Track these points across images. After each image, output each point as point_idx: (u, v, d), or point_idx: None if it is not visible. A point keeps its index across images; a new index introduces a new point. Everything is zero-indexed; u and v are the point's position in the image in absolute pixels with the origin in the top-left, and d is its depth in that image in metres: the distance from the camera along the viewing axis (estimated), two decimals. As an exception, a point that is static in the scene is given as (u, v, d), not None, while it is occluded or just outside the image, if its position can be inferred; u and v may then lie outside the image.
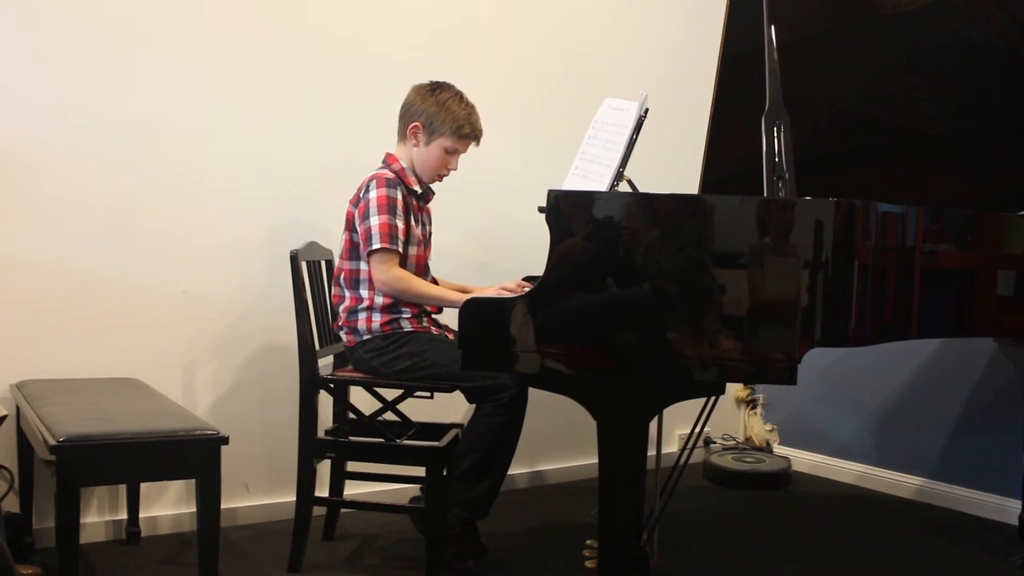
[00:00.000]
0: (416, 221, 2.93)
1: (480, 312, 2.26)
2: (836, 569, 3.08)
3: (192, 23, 3.16)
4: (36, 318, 2.96)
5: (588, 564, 2.59)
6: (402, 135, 2.97)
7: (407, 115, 2.95)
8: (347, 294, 2.90)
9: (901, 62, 2.87)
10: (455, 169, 2.98)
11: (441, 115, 2.90)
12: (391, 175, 2.88)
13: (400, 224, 2.83)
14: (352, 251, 2.89)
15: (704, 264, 2.18)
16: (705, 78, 2.94)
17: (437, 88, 2.93)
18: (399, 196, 2.85)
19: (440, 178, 3.00)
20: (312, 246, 3.01)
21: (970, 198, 3.05)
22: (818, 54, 2.78)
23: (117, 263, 3.08)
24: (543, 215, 2.24)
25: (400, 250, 2.82)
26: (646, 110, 2.55)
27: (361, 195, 2.87)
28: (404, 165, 2.95)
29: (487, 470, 2.75)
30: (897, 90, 2.92)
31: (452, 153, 2.94)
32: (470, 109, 2.94)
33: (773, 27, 2.43)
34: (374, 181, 2.85)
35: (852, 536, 3.39)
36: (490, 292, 2.76)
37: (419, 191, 2.97)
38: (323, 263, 3.09)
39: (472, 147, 3.00)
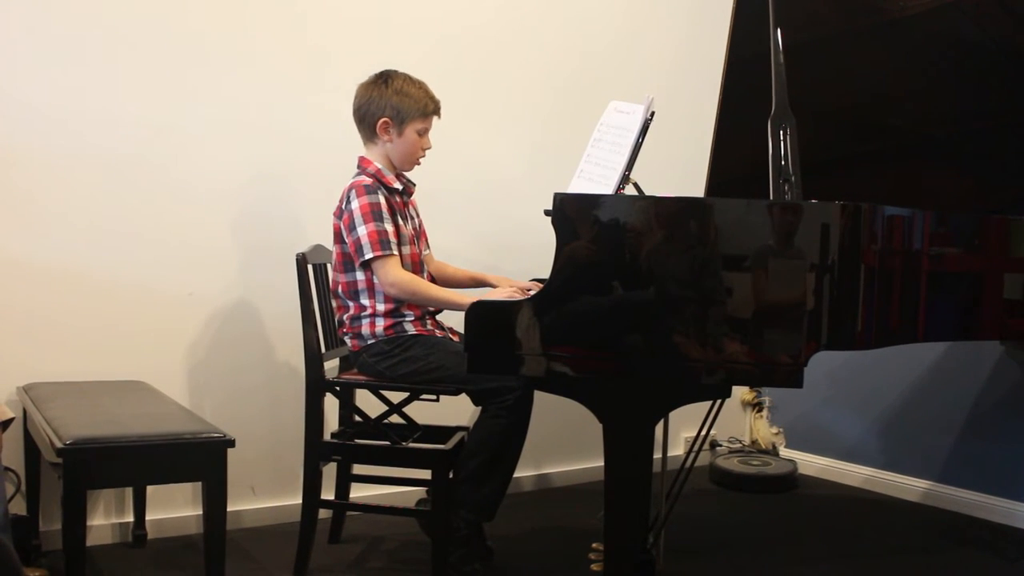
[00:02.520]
0: (403, 218, 2.93)
1: (486, 315, 2.26)
2: (842, 573, 3.08)
3: (196, 28, 3.17)
4: (43, 321, 2.97)
5: (594, 567, 2.58)
6: (370, 135, 2.94)
7: (370, 114, 2.91)
8: (349, 304, 2.89)
9: (907, 65, 2.87)
10: (430, 147, 2.97)
11: (405, 102, 2.88)
12: (368, 180, 2.86)
13: (389, 227, 2.82)
14: (346, 263, 2.88)
15: (710, 267, 2.18)
16: (710, 80, 2.94)
17: (387, 78, 2.91)
18: (381, 200, 2.83)
19: (419, 161, 2.99)
20: (318, 249, 3.01)
21: (977, 201, 3.04)
22: (825, 57, 2.78)
23: (124, 266, 3.09)
24: (549, 218, 2.24)
25: (395, 252, 2.82)
26: (652, 113, 2.55)
27: (344, 207, 2.85)
28: (379, 165, 2.92)
29: (493, 473, 2.74)
30: (903, 93, 2.92)
31: (424, 134, 2.93)
32: (423, 86, 2.93)
33: (779, 30, 2.43)
34: (354, 191, 2.84)
35: (859, 539, 3.39)
36: (501, 294, 2.77)
37: (400, 187, 2.95)
38: (329, 266, 3.09)
39: (436, 120, 2.97)
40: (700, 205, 2.24)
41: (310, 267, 2.88)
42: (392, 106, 2.88)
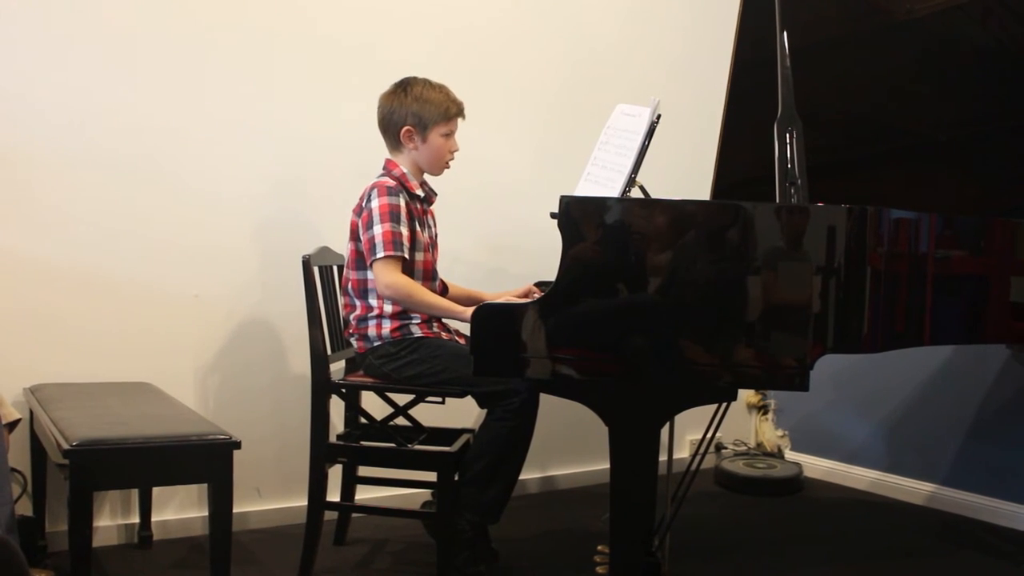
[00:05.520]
0: (421, 225, 2.93)
1: (492, 317, 2.26)
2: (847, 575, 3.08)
3: (203, 30, 3.18)
4: (49, 323, 2.97)
5: (599, 570, 2.58)
6: (395, 144, 2.95)
7: (392, 124, 2.92)
8: (357, 303, 2.89)
9: (913, 67, 2.87)
10: (457, 149, 2.98)
11: (426, 108, 2.89)
12: (392, 182, 2.87)
13: (404, 231, 2.82)
14: (358, 261, 2.89)
15: (716, 270, 2.18)
16: (716, 81, 2.94)
17: (406, 86, 2.92)
18: (401, 203, 2.84)
19: (448, 165, 2.99)
20: (324, 251, 3.02)
21: (983, 204, 3.04)
22: (831, 60, 2.78)
23: (130, 268, 3.09)
24: (554, 220, 2.24)
25: (404, 256, 2.81)
26: (658, 115, 2.55)
27: (364, 205, 2.86)
28: (405, 170, 2.93)
29: (498, 475, 2.75)
30: (909, 96, 2.92)
31: (449, 136, 2.94)
32: (444, 89, 2.94)
33: (786, 33, 2.43)
34: (375, 190, 2.84)
35: (864, 542, 3.38)
36: (505, 297, 2.77)
37: (421, 195, 2.96)
38: (335, 268, 3.09)
39: (460, 122, 2.97)
40: (706, 208, 2.24)
41: (316, 269, 2.88)
42: (413, 114, 2.89)
